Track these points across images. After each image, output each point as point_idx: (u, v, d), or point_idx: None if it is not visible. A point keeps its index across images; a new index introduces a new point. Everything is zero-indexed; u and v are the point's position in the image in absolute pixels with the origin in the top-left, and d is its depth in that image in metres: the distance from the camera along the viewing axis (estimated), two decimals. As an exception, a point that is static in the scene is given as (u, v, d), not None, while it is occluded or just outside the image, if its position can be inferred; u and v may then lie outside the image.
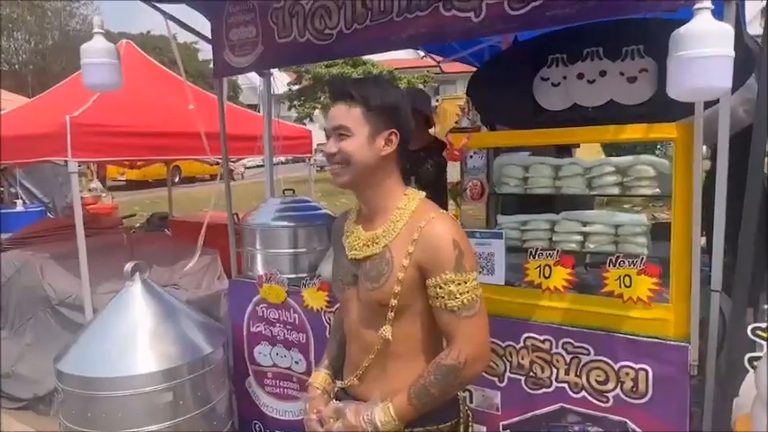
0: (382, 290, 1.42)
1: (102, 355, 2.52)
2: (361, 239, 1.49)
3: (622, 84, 2.34)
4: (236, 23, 2.79)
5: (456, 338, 1.39)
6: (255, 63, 2.76)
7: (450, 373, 1.38)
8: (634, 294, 1.95)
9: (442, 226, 1.40)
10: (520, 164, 2.22)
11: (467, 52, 5.25)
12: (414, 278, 1.40)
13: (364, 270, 1.48)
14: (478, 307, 1.40)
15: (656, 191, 1.98)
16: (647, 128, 1.92)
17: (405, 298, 1.41)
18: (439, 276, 1.37)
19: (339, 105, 1.43)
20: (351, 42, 2.46)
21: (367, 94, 1.40)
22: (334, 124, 1.43)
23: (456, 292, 1.36)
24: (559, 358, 2.09)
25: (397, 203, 1.47)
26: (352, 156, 1.40)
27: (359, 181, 1.45)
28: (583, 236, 2.12)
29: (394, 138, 1.43)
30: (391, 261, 1.42)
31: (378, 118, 1.41)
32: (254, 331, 2.99)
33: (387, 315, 1.42)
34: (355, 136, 1.40)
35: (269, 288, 2.87)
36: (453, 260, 1.37)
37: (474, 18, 2.13)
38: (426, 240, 1.38)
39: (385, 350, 1.47)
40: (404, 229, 1.42)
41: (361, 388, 1.53)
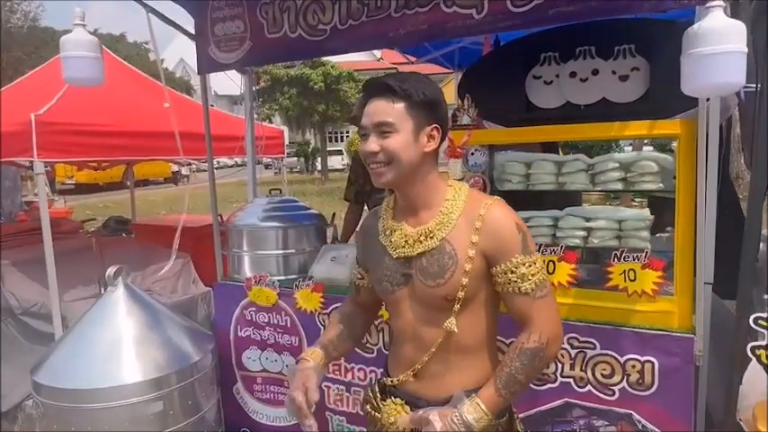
0: (448, 284, 1.37)
1: (86, 364, 2.39)
2: (410, 236, 1.42)
3: (614, 82, 2.38)
4: (221, 18, 2.70)
5: (534, 320, 1.36)
6: (243, 59, 2.68)
7: (536, 356, 1.35)
8: (639, 288, 1.99)
9: (502, 211, 1.38)
10: (522, 160, 2.23)
11: (439, 53, 5.28)
12: (480, 267, 1.37)
13: (420, 267, 1.41)
14: (549, 286, 1.39)
15: (660, 186, 2.02)
16: (650, 124, 1.96)
17: (472, 289, 1.37)
18: (509, 261, 1.34)
19: (379, 101, 1.37)
20: (345, 39, 2.42)
21: (410, 89, 1.34)
22: (376, 120, 1.36)
23: (528, 274, 1.34)
24: (564, 353, 2.11)
25: (444, 196, 1.42)
26: (396, 154, 1.34)
27: (402, 179, 1.39)
28: (587, 231, 2.14)
29: (436, 133, 1.39)
30: (454, 253, 1.36)
31: (421, 113, 1.36)
32: (241, 336, 2.90)
33: (452, 308, 1.38)
34: (399, 132, 1.34)
35: (258, 291, 2.79)
36: (520, 243, 1.35)
37: (476, 15, 2.13)
38: (490, 227, 1.35)
39: (447, 344, 1.42)
40: (460, 219, 1.38)
41: (417, 385, 1.47)
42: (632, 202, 8.29)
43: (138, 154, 4.44)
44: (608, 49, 2.38)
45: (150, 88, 4.93)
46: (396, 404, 1.49)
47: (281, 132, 5.31)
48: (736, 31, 1.53)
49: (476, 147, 2.21)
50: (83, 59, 2.31)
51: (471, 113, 2.23)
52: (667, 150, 7.25)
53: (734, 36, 1.51)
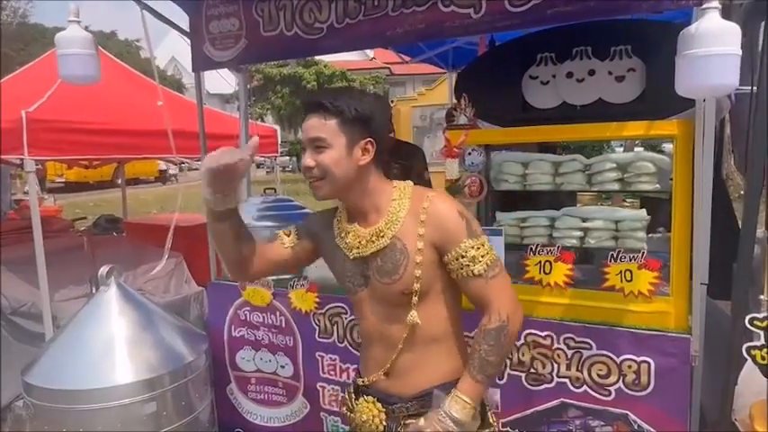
0: (403, 279, 1.42)
1: (78, 365, 2.36)
2: (363, 237, 1.47)
3: (611, 83, 2.39)
4: (216, 15, 2.68)
5: (491, 300, 1.41)
6: (239, 57, 2.66)
7: (500, 334, 1.39)
8: (635, 288, 1.99)
9: (443, 201, 1.44)
10: (519, 160, 2.23)
11: (433, 53, 5.28)
12: (431, 258, 1.42)
13: (376, 266, 1.46)
14: (500, 265, 1.44)
15: (656, 186, 2.03)
16: (648, 125, 1.96)
17: (426, 280, 1.42)
18: (458, 247, 1.39)
19: (314, 118, 1.41)
20: (342, 37, 2.41)
21: (342, 105, 1.39)
22: (311, 136, 1.41)
23: (478, 256, 1.39)
24: (561, 353, 2.11)
25: (390, 197, 1.47)
26: (329, 168, 1.40)
27: (340, 192, 1.45)
28: (583, 232, 2.14)
29: (371, 147, 1.43)
30: (405, 249, 1.42)
31: (353, 128, 1.40)
32: (235, 336, 2.88)
33: (411, 302, 1.42)
34: (332, 148, 1.39)
35: (253, 291, 2.77)
36: (464, 228, 1.40)
37: (473, 14, 2.12)
38: (434, 218, 1.41)
39: (413, 338, 1.46)
40: (407, 215, 1.44)
41: (388, 382, 1.51)
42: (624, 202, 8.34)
43: (130, 152, 4.40)
44: (604, 49, 2.38)
45: (142, 86, 4.89)
46: (368, 402, 1.53)
47: (274, 131, 5.28)
48: (731, 33, 1.53)
49: (473, 146, 2.20)
50: (78, 57, 2.29)
51: (468, 113, 2.23)
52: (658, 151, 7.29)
53: (729, 38, 1.52)
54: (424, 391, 1.46)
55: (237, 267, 1.59)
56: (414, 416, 1.46)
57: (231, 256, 1.55)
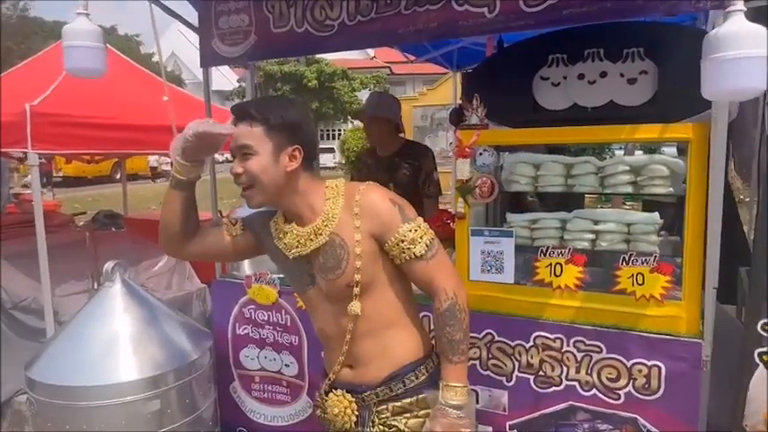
0: (346, 272, 1.45)
1: (82, 361, 2.33)
2: (301, 236, 1.49)
3: (622, 85, 2.38)
4: (226, 11, 2.66)
5: (435, 280, 1.47)
6: (248, 53, 2.63)
7: (455, 311, 1.45)
8: (647, 292, 1.98)
9: (374, 192, 1.48)
10: (531, 162, 2.21)
11: (438, 53, 5.28)
12: (370, 249, 1.46)
13: (318, 264, 1.50)
14: (437, 244, 1.49)
15: (670, 190, 2.02)
16: (662, 128, 1.95)
17: (368, 271, 1.46)
18: (396, 233, 1.44)
19: (241, 125, 1.44)
20: (353, 35, 2.39)
21: (267, 113, 1.42)
22: (238, 144, 1.43)
23: (417, 238, 1.44)
24: (570, 356, 2.10)
25: (323, 197, 1.49)
26: (256, 175, 1.42)
27: (272, 198, 1.47)
28: (595, 234, 2.13)
29: (298, 153, 1.45)
30: (344, 243, 1.45)
31: (280, 135, 1.43)
32: (240, 334, 2.86)
33: (353, 293, 1.46)
34: (259, 155, 1.42)
35: (258, 289, 2.75)
36: (398, 214, 1.45)
37: (487, 13, 2.11)
38: (368, 209, 1.45)
39: (360, 328, 1.50)
40: (342, 211, 1.46)
41: (353, 373, 1.56)
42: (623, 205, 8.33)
43: (133, 147, 4.38)
44: (616, 51, 2.37)
45: (145, 81, 4.86)
46: (337, 395, 1.57)
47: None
48: (758, 35, 1.51)
49: (484, 147, 2.19)
50: (85, 50, 2.26)
51: (480, 113, 2.21)
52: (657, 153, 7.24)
53: (756, 40, 1.50)
54: (389, 375, 1.51)
55: (175, 241, 1.61)
56: (384, 401, 1.52)
57: (175, 229, 1.57)
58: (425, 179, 3.30)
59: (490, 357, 2.24)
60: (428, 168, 3.30)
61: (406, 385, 1.52)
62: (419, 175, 3.30)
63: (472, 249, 2.25)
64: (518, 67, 2.56)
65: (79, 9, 2.25)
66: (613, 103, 2.39)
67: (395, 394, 1.51)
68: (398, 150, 3.36)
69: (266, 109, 1.43)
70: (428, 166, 3.30)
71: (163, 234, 1.61)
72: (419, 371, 1.53)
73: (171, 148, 1.50)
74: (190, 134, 1.43)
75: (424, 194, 3.30)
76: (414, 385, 1.52)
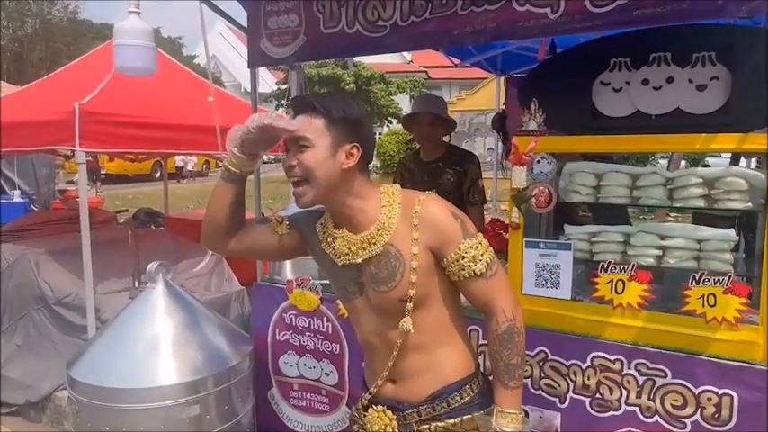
0: (400, 286, 1.38)
1: (123, 363, 2.31)
2: (353, 243, 1.42)
3: (691, 92, 2.23)
4: (275, 11, 2.62)
5: (494, 300, 1.41)
6: (296, 54, 2.59)
7: (513, 334, 1.39)
8: (719, 314, 1.83)
9: (435, 204, 1.40)
10: (593, 171, 2.09)
11: (482, 56, 5.16)
12: (427, 263, 1.39)
13: (370, 274, 1.42)
14: (497, 261, 1.43)
15: (748, 205, 1.87)
16: (740, 138, 1.81)
17: (423, 286, 1.39)
18: (457, 248, 1.37)
19: (299, 117, 1.38)
20: (406, 35, 2.31)
21: (329, 105, 1.36)
22: (295, 135, 1.37)
23: (478, 255, 1.38)
24: (631, 380, 1.96)
25: (378, 202, 1.42)
26: (312, 169, 1.35)
27: (324, 197, 1.39)
28: (661, 250, 1.99)
29: (356, 151, 1.38)
30: (400, 255, 1.38)
31: (340, 130, 1.37)
32: (279, 339, 2.81)
33: (405, 307, 1.38)
34: (315, 147, 1.35)
35: (299, 294, 2.69)
36: (460, 229, 1.38)
37: (551, 14, 2.00)
38: (428, 221, 1.38)
39: (409, 344, 1.43)
40: (399, 220, 1.39)
41: (396, 389, 1.49)
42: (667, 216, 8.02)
43: (177, 147, 4.40)
44: (685, 55, 2.23)
45: (190, 82, 4.89)
46: (377, 411, 1.50)
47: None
48: None
49: (542, 154, 2.08)
50: (136, 48, 2.25)
51: (538, 119, 2.10)
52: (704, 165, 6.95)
53: None
54: (433, 393, 1.44)
55: (219, 236, 1.53)
56: (426, 420, 1.44)
57: (221, 223, 1.50)
58: (471, 186, 3.20)
59: (543, 376, 2.12)
60: (474, 175, 3.19)
61: (450, 405, 1.44)
62: (464, 181, 3.19)
63: (526, 262, 2.14)
64: (577, 71, 2.43)
65: (131, 8, 2.24)
66: (680, 110, 2.25)
67: (437, 414, 1.44)
68: (443, 155, 3.27)
69: (328, 102, 1.38)
70: (474, 172, 3.20)
71: (207, 228, 1.54)
72: (464, 390, 1.45)
73: (228, 138, 1.44)
74: (253, 126, 1.37)
75: (468, 202, 3.20)
76: (458, 406, 1.44)
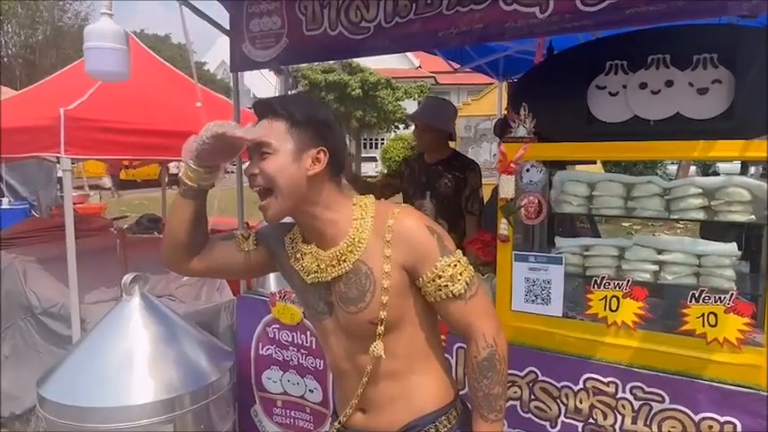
0: (371, 307, 1.27)
1: (94, 380, 2.21)
2: (322, 260, 1.32)
3: (691, 95, 2.10)
4: (258, 13, 2.52)
5: (472, 324, 1.29)
6: (279, 57, 2.49)
7: (494, 362, 1.28)
8: (720, 335, 1.70)
9: (410, 218, 1.29)
10: (585, 180, 1.97)
11: (483, 61, 5.05)
12: (400, 282, 1.28)
13: (339, 293, 1.32)
14: (477, 281, 1.31)
15: (751, 218, 1.74)
16: (744, 144, 1.68)
17: (395, 307, 1.28)
18: (433, 267, 1.26)
19: (261, 122, 1.29)
20: (390, 37, 2.21)
21: (291, 107, 1.27)
22: (255, 142, 1.26)
23: (456, 274, 1.26)
24: (626, 404, 1.83)
25: (350, 215, 1.32)
26: (273, 176, 1.24)
27: (291, 208, 1.29)
28: (658, 265, 1.86)
29: (322, 156, 1.27)
30: (371, 273, 1.27)
31: (304, 134, 1.26)
32: (263, 354, 2.70)
33: (376, 331, 1.27)
34: (277, 153, 1.25)
35: (283, 307, 2.58)
36: (437, 246, 1.27)
37: (539, 14, 1.89)
38: (402, 237, 1.27)
39: (381, 371, 1.32)
40: (371, 235, 1.28)
41: (367, 419, 1.37)
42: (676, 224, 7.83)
43: (170, 154, 4.31)
44: (685, 57, 2.10)
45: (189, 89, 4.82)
46: None
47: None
48: None
49: (532, 162, 1.96)
50: (108, 51, 2.16)
51: (528, 124, 1.99)
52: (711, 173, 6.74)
53: None
54: (407, 424, 1.34)
55: (179, 255, 1.42)
56: None
57: (180, 241, 1.39)
58: (470, 195, 3.09)
59: (533, 398, 1.99)
60: (474, 184, 3.09)
61: None
62: (463, 189, 3.09)
63: (515, 276, 2.02)
64: (571, 75, 2.31)
65: (103, 9, 2.15)
66: (680, 115, 2.12)
67: None
68: (445, 159, 3.17)
69: (290, 104, 1.28)
70: (474, 181, 3.09)
71: (166, 247, 1.43)
72: (440, 422, 1.33)
73: (183, 149, 1.34)
74: (207, 136, 1.26)
75: (466, 210, 3.09)
76: None
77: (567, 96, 2.29)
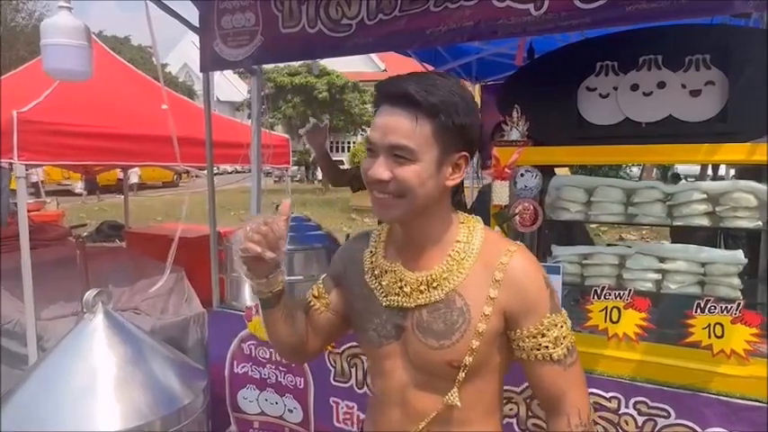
0: (456, 347, 1.10)
1: (55, 407, 2.02)
2: (407, 282, 1.14)
3: (684, 97, 2.06)
4: (230, 9, 2.37)
5: (567, 395, 1.12)
6: (253, 56, 2.34)
7: None
8: (727, 347, 1.64)
9: (528, 262, 1.13)
10: (583, 186, 1.88)
11: (456, 63, 4.99)
12: (496, 329, 1.11)
13: (419, 321, 1.13)
14: (576, 348, 1.16)
15: (758, 224, 1.68)
16: (749, 148, 1.62)
17: (482, 354, 1.11)
18: (539, 323, 1.10)
19: (399, 115, 1.04)
20: (374, 35, 2.08)
21: (441, 106, 1.03)
22: (392, 142, 1.04)
23: (561, 337, 1.11)
24: (629, 420, 1.75)
25: (454, 235, 1.14)
26: (412, 188, 1.05)
27: (414, 215, 1.10)
28: (661, 274, 1.79)
29: (464, 163, 1.10)
30: (466, 310, 1.09)
31: (450, 138, 1.06)
32: (238, 372, 2.53)
33: (456, 377, 1.10)
34: (419, 162, 1.04)
35: (260, 322, 2.42)
36: (548, 301, 1.11)
37: (534, 11, 1.79)
38: (514, 281, 1.09)
39: (444, 417, 1.14)
40: (475, 267, 1.11)
41: None
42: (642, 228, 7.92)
43: (132, 159, 4.08)
44: (677, 58, 2.05)
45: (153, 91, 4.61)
46: None
47: (287, 141, 4.97)
48: None
49: (526, 167, 1.86)
50: (68, 48, 1.97)
51: (521, 127, 1.89)
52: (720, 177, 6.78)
53: None
54: None
55: (293, 353, 1.34)
56: None
57: (284, 342, 1.29)
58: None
59: (530, 416, 1.89)
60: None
61: None
62: None
63: (510, 286, 1.92)
64: (560, 76, 2.24)
65: (61, 2, 1.97)
66: (673, 118, 2.07)
67: None
68: None
69: (438, 98, 1.03)
70: None
71: (282, 353, 1.40)
72: None
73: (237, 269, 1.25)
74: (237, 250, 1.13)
75: None
76: None
77: (556, 98, 2.22)
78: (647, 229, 9.05)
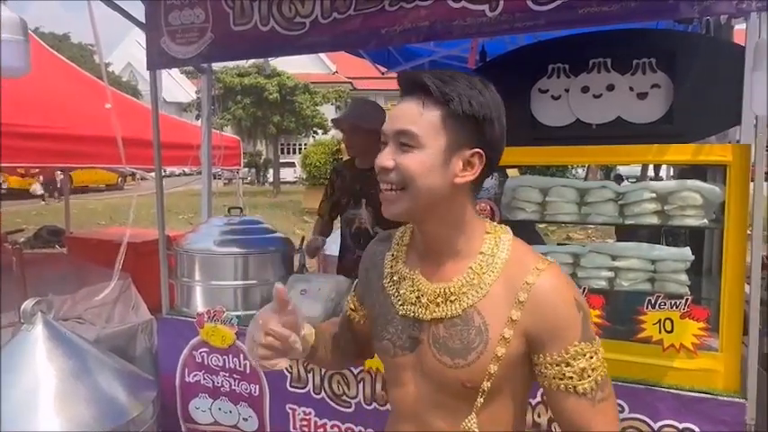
0: (471, 368, 1.01)
1: (-11, 425, 1.89)
2: (425, 292, 1.07)
3: (632, 99, 2.13)
4: (178, 5, 2.28)
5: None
6: (203, 54, 2.26)
7: None
8: (677, 341, 1.69)
9: (557, 282, 1.02)
10: (537, 186, 1.91)
11: (409, 65, 5.00)
12: (517, 353, 1.01)
13: (435, 336, 1.06)
14: (610, 383, 1.03)
15: (703, 222, 1.73)
16: (695, 149, 1.69)
17: (500, 379, 1.01)
18: (564, 350, 0.99)
19: (409, 103, 1.01)
20: (328, 34, 2.05)
21: (452, 93, 0.97)
22: (397, 127, 1.00)
23: (588, 369, 0.99)
24: (584, 416, 1.78)
25: (477, 245, 1.05)
26: (413, 177, 0.99)
27: (420, 214, 1.04)
28: (613, 272, 1.83)
29: (478, 160, 1.01)
30: (485, 330, 1.01)
31: (461, 129, 0.99)
32: (189, 381, 2.45)
33: (474, 401, 1.02)
34: (424, 150, 0.99)
35: (212, 329, 2.34)
36: (580, 327, 0.99)
37: (489, 12, 1.81)
38: (540, 303, 0.99)
39: None
40: (497, 282, 1.02)
41: None
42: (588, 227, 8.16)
43: (73, 160, 3.88)
44: (625, 62, 2.11)
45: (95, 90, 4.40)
46: None
47: (238, 142, 4.86)
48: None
49: (483, 168, 1.87)
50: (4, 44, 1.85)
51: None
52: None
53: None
54: None
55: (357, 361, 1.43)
56: None
57: (342, 363, 1.41)
58: None
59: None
60: None
61: None
62: None
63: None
64: (513, 78, 2.27)
65: (-6, -7, 1.84)
66: (621, 119, 2.13)
67: None
68: None
69: (451, 87, 0.98)
70: None
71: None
72: None
73: None
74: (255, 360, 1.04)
75: None
76: None
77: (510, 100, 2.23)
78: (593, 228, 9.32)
